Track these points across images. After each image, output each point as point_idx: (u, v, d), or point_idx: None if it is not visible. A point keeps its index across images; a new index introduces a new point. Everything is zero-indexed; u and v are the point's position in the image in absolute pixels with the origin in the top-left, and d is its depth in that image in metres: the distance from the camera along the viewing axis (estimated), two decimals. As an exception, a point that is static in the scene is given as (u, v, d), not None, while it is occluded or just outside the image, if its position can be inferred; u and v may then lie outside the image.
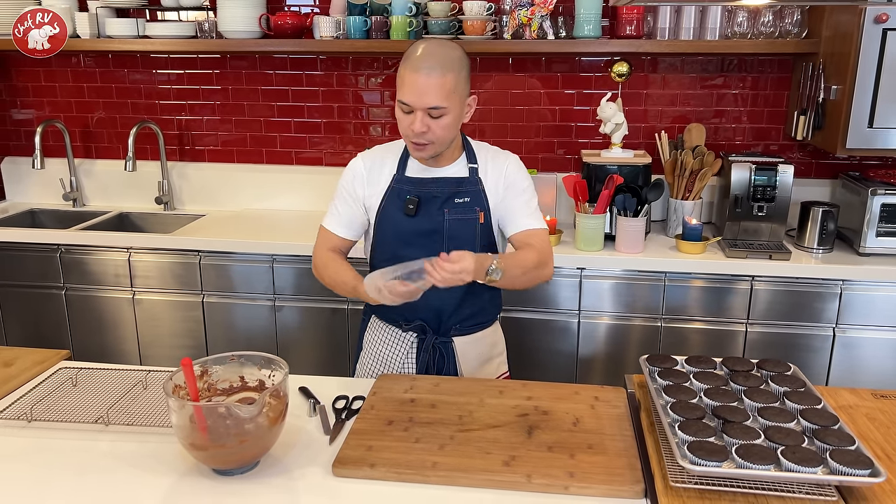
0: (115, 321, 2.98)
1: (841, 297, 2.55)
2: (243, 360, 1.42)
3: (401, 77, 1.64)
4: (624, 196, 2.68)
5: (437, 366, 1.84)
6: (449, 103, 1.62)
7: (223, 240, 2.86)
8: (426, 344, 1.83)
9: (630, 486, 1.25)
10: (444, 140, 1.68)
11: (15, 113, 3.51)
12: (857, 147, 2.54)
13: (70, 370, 1.67)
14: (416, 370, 1.84)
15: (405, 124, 1.66)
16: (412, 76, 1.61)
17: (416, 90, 1.60)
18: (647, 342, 2.68)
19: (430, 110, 1.62)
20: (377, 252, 1.84)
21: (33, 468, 1.33)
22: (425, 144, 1.67)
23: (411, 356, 1.85)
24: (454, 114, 1.65)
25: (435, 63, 1.60)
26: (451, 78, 1.61)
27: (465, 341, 1.86)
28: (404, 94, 1.63)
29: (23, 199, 3.54)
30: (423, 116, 1.62)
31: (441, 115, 1.63)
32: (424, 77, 1.59)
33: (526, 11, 2.77)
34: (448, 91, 1.61)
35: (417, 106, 1.61)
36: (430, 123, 1.63)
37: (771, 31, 2.75)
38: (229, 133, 3.37)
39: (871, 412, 1.48)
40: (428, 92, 1.60)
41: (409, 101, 1.62)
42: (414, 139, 1.66)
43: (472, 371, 1.87)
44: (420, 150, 1.70)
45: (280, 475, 1.31)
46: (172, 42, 3.08)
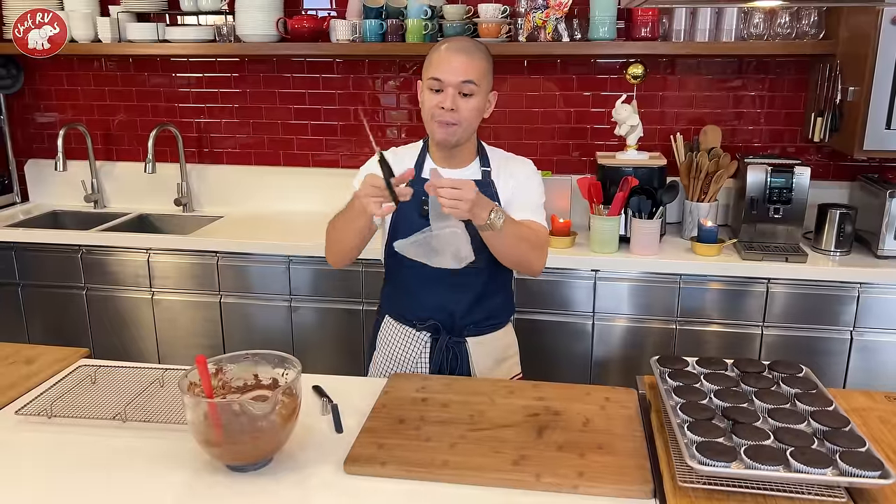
0: (135, 321, 3.03)
1: (858, 301, 2.53)
2: (257, 358, 1.44)
3: (430, 60, 1.71)
4: (639, 198, 2.67)
5: (450, 366, 1.85)
6: (480, 84, 1.69)
7: (240, 241, 2.90)
8: (440, 344, 1.84)
9: (639, 486, 1.25)
10: (470, 123, 1.71)
11: (38, 116, 3.57)
12: (874, 149, 2.52)
13: (89, 368, 1.70)
14: (430, 370, 1.85)
15: (433, 103, 1.69)
16: (447, 54, 1.68)
17: (450, 65, 1.67)
18: (662, 344, 2.67)
19: (463, 85, 1.66)
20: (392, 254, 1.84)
21: (53, 462, 1.36)
22: (453, 125, 1.69)
23: (425, 356, 1.86)
24: (481, 98, 1.71)
25: (469, 45, 1.71)
26: (484, 63, 1.71)
27: (479, 342, 1.87)
28: (437, 70, 1.68)
29: (45, 200, 3.60)
30: (454, 94, 1.67)
31: (472, 93, 1.68)
32: (460, 55, 1.67)
33: (541, 14, 2.78)
34: (482, 72, 1.69)
35: (451, 81, 1.66)
36: (459, 102, 1.67)
37: (788, 32, 2.73)
38: (247, 135, 3.41)
39: (884, 415, 1.48)
40: (462, 67, 1.67)
41: (443, 76, 1.67)
42: (442, 117, 1.69)
43: (485, 372, 1.88)
44: (446, 129, 1.71)
45: (293, 472, 1.33)
46: (192, 46, 3.12)
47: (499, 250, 1.71)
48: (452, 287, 1.81)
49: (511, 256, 1.74)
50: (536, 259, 1.78)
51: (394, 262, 1.83)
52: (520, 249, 1.72)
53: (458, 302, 1.82)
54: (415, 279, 1.82)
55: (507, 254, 1.73)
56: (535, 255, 1.77)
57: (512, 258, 1.75)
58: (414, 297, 1.85)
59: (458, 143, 1.74)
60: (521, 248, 1.72)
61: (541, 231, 1.79)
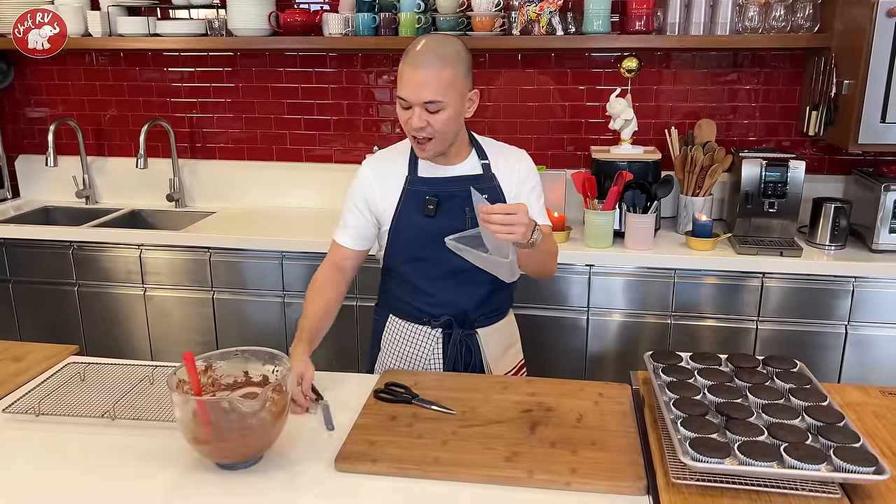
0: (127, 317, 3.01)
1: (853, 295, 2.52)
2: (247, 355, 1.43)
3: (399, 73, 1.65)
4: (633, 192, 2.66)
5: (463, 360, 1.84)
6: (446, 98, 1.61)
7: (233, 237, 2.88)
8: (453, 339, 1.82)
9: (632, 483, 1.24)
10: (444, 135, 1.67)
11: (29, 111, 3.54)
12: (869, 142, 2.52)
13: (78, 365, 1.69)
14: (444, 365, 1.84)
15: (405, 118, 1.66)
16: (409, 71, 1.61)
17: (412, 85, 1.60)
18: (657, 339, 2.66)
19: (427, 105, 1.61)
20: (395, 255, 1.82)
21: (40, 461, 1.35)
22: (427, 140, 1.66)
23: (437, 351, 1.84)
24: (453, 108, 1.64)
25: (432, 58, 1.60)
26: (448, 73, 1.60)
27: (488, 332, 1.87)
28: (402, 89, 1.63)
29: (37, 196, 3.58)
30: (420, 111, 1.62)
31: (438, 109, 1.62)
32: (420, 72, 1.59)
33: (535, 7, 2.76)
34: (445, 85, 1.60)
35: (414, 101, 1.61)
36: (428, 118, 1.63)
37: (783, 25, 2.72)
38: (240, 130, 3.39)
39: (878, 410, 1.47)
40: (423, 87, 1.59)
41: (406, 95, 1.62)
42: (414, 134, 1.66)
43: (496, 360, 1.88)
44: (422, 148, 1.69)
45: (283, 470, 1.32)
46: (183, 40, 3.10)
47: (528, 263, 1.71)
48: (463, 284, 1.79)
49: (536, 266, 1.76)
50: (553, 267, 1.82)
51: (398, 261, 1.82)
52: (546, 261, 1.75)
53: (471, 297, 1.81)
54: (423, 277, 1.80)
55: (535, 266, 1.75)
56: (553, 264, 1.81)
57: (536, 268, 1.77)
58: (424, 295, 1.82)
59: (438, 153, 1.72)
60: (547, 260, 1.76)
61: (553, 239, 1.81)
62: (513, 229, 1.47)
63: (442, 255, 1.65)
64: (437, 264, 1.76)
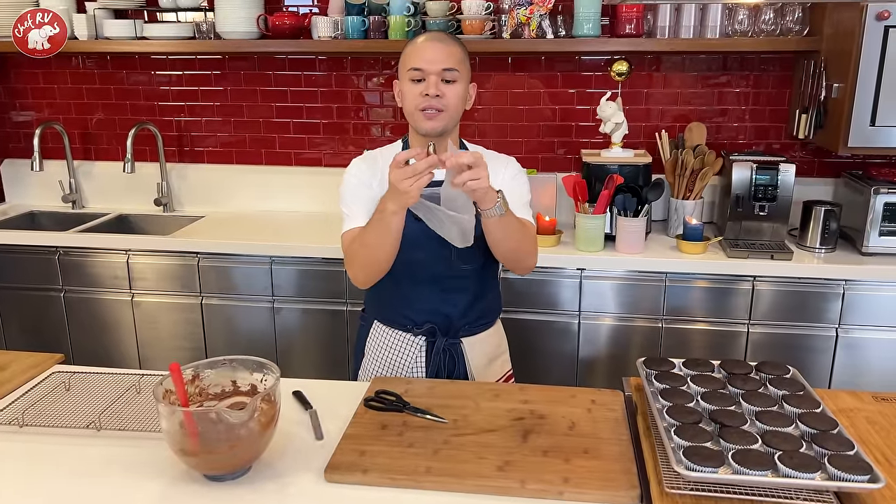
0: (115, 323, 2.97)
1: (844, 298, 2.52)
2: (235, 364, 1.40)
3: (407, 53, 1.69)
4: (624, 196, 2.66)
5: (447, 369, 1.82)
6: (461, 70, 1.67)
7: (222, 241, 2.85)
8: (436, 347, 1.81)
9: (625, 492, 1.23)
10: (454, 110, 1.68)
11: (14, 115, 3.51)
12: (858, 146, 2.52)
13: (63, 374, 1.66)
14: (427, 374, 1.82)
15: (416, 92, 1.66)
16: (424, 44, 1.67)
17: (431, 52, 1.66)
18: (649, 343, 2.66)
19: (445, 72, 1.65)
20: None
21: (24, 473, 1.32)
22: (439, 111, 1.66)
23: (420, 360, 1.83)
24: (463, 85, 1.69)
25: (445, 35, 1.72)
26: (461, 51, 1.70)
27: (473, 342, 1.85)
28: (418, 60, 1.65)
29: (22, 200, 3.54)
30: (436, 80, 1.65)
31: (454, 79, 1.66)
32: (439, 44, 1.67)
33: (525, 10, 2.75)
34: (460, 58, 1.68)
35: (432, 69, 1.64)
36: (443, 89, 1.65)
37: (772, 28, 2.72)
38: (228, 134, 3.36)
39: (871, 415, 1.46)
40: (442, 55, 1.66)
41: (423, 65, 1.64)
42: (427, 104, 1.65)
43: (481, 370, 1.86)
44: (432, 119, 1.67)
45: (272, 480, 1.30)
46: (170, 43, 3.07)
47: (498, 238, 1.65)
48: (447, 290, 1.79)
49: (509, 244, 1.69)
50: (531, 251, 1.76)
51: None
52: (514, 242, 1.69)
53: (455, 304, 1.80)
54: (408, 284, 1.79)
55: (506, 243, 1.68)
56: (527, 252, 1.75)
57: (509, 247, 1.70)
58: (408, 302, 1.81)
59: (446, 130, 1.70)
60: (518, 237, 1.69)
61: (533, 232, 1.78)
62: (478, 172, 1.47)
63: (427, 260, 1.66)
64: (422, 267, 1.75)
